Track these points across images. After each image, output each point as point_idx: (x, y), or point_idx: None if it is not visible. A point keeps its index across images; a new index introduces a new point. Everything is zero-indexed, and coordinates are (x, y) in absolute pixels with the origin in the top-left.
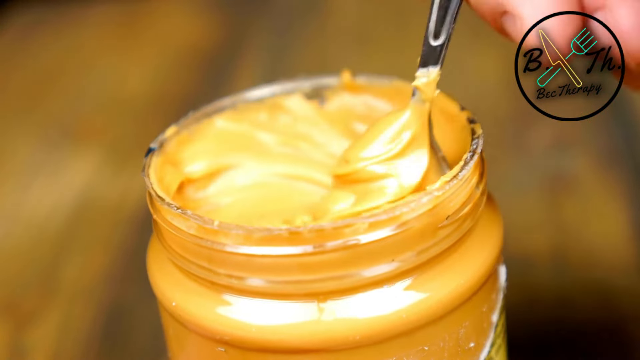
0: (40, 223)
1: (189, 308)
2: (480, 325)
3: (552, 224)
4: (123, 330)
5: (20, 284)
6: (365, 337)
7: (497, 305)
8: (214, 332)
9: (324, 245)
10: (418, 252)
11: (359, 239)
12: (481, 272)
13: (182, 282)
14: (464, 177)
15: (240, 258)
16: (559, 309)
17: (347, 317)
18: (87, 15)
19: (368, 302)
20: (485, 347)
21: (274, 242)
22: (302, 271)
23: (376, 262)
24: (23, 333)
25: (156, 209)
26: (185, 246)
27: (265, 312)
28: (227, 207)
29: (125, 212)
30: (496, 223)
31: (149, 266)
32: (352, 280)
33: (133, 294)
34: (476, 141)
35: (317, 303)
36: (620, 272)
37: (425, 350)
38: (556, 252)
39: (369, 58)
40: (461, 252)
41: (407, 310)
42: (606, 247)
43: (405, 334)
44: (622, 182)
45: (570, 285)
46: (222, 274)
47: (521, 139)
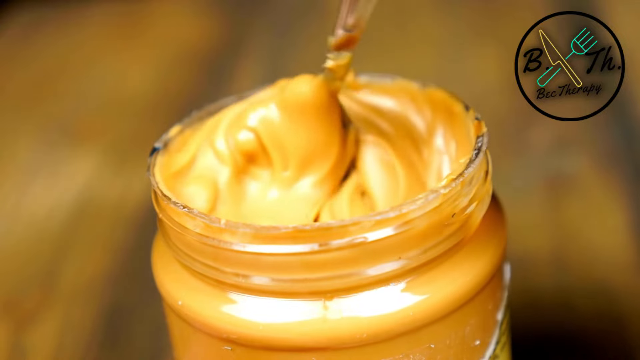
0: (40, 223)
1: (195, 307)
2: (485, 323)
3: (552, 223)
4: (123, 330)
5: (20, 284)
6: (372, 335)
7: (502, 303)
8: (220, 331)
9: (330, 244)
10: (424, 250)
11: (365, 237)
12: (487, 269)
13: (188, 280)
14: (470, 175)
15: (246, 256)
16: (558, 309)
17: (354, 315)
18: (87, 15)
19: (374, 300)
20: (491, 344)
21: (281, 241)
22: (309, 269)
23: (382, 260)
24: (23, 333)
25: (162, 207)
26: (191, 245)
27: (272, 310)
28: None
29: (125, 212)
30: (501, 221)
31: (154, 265)
32: (359, 279)
33: (133, 294)
34: (481, 139)
35: (323, 301)
36: (620, 272)
37: (431, 348)
38: (556, 252)
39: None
40: (467, 249)
41: (413, 308)
42: (606, 247)
43: (411, 332)
44: (622, 182)
45: (570, 285)
46: (228, 273)
47: (521, 139)
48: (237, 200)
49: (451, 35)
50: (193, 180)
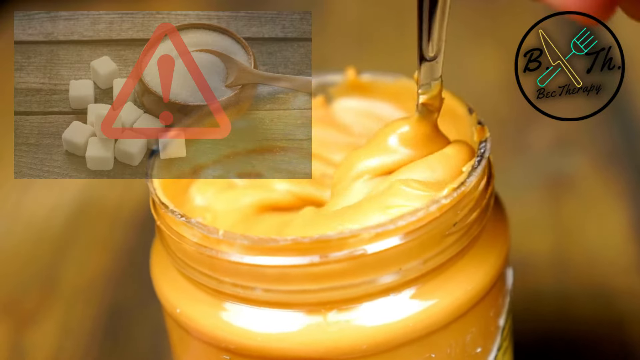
0: (40, 223)
1: (194, 315)
2: (487, 330)
3: (552, 223)
4: (123, 330)
5: (21, 284)
6: (372, 346)
7: (504, 309)
8: (218, 340)
9: (329, 256)
10: (425, 260)
11: (365, 249)
12: (488, 278)
13: (187, 288)
14: (471, 183)
15: (244, 268)
16: (558, 309)
17: (354, 326)
18: None
19: (374, 311)
20: (492, 351)
21: (279, 253)
22: (308, 281)
23: (383, 272)
24: (23, 333)
25: (160, 215)
26: (189, 254)
27: (271, 320)
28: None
29: (125, 212)
30: (504, 226)
31: (153, 271)
32: (358, 290)
33: (133, 294)
34: (484, 145)
35: (323, 312)
36: (620, 272)
37: (432, 358)
38: (556, 252)
39: (369, 58)
40: (468, 258)
41: (413, 319)
42: (606, 247)
43: (411, 342)
44: (622, 182)
45: (570, 285)
46: (226, 283)
47: (521, 139)
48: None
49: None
50: None
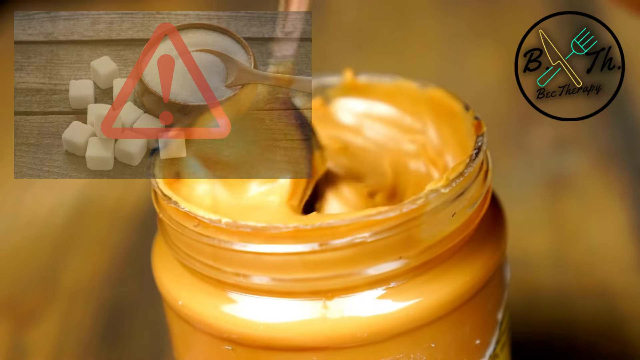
0: (40, 223)
1: (196, 307)
2: (486, 322)
3: (552, 223)
4: (123, 330)
5: (21, 283)
6: (372, 335)
7: (502, 303)
8: (221, 331)
9: (330, 243)
10: (424, 250)
11: (365, 237)
12: (487, 269)
13: (188, 280)
14: (470, 174)
15: (247, 256)
16: (558, 309)
17: (354, 315)
18: None
19: (375, 300)
20: (491, 344)
21: (281, 240)
22: (309, 269)
23: (383, 260)
24: (23, 332)
25: (162, 207)
26: (191, 244)
27: (272, 310)
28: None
29: (126, 211)
30: (501, 220)
31: (154, 265)
32: (359, 278)
33: (133, 294)
34: (481, 138)
35: (323, 301)
36: (620, 272)
37: (432, 347)
38: (556, 252)
39: (369, 58)
40: (467, 249)
41: (414, 308)
42: (606, 246)
43: (412, 332)
44: (622, 182)
45: (569, 285)
46: (228, 272)
47: (521, 139)
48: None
49: (451, 35)
50: None
